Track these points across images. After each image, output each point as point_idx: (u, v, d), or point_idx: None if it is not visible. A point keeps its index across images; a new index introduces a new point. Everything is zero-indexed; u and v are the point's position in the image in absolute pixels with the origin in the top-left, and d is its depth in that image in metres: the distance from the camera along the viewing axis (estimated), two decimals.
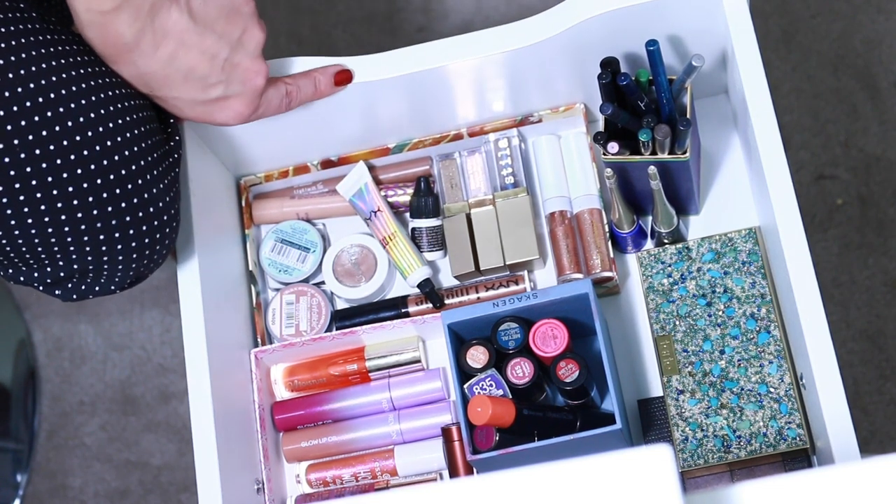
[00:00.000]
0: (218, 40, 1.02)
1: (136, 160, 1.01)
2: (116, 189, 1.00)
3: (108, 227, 1.00)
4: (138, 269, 1.05)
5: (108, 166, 0.99)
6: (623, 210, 1.14)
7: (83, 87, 0.99)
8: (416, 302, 1.20)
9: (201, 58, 1.01)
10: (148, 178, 1.01)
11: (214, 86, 1.03)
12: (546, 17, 1.10)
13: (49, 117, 0.96)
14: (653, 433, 1.13)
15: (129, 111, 1.02)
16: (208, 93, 1.03)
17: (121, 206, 1.00)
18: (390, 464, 1.16)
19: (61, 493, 1.63)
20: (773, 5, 1.67)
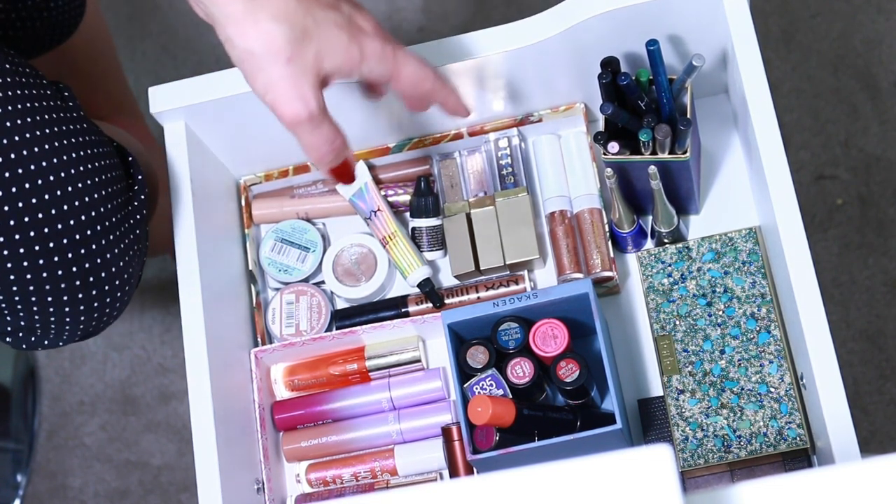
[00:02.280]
0: None
1: (93, 225, 0.99)
2: (69, 253, 0.99)
3: (56, 290, 1.00)
4: (87, 329, 1.05)
5: (63, 230, 0.98)
6: (623, 210, 1.14)
7: (55, 146, 0.98)
8: (416, 302, 1.20)
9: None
10: (103, 244, 1.00)
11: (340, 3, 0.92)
12: (546, 17, 1.10)
13: (12, 177, 0.96)
14: (653, 433, 1.13)
15: (95, 172, 1.01)
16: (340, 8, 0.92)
17: (71, 271, 1.00)
18: (390, 463, 1.16)
19: (61, 493, 1.63)
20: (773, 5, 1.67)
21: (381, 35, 0.94)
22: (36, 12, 1.23)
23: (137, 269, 1.07)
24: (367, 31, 0.93)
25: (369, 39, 0.92)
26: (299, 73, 0.90)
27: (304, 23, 0.89)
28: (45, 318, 1.02)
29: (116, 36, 1.79)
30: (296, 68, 0.89)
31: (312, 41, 0.90)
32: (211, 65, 1.75)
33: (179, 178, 1.12)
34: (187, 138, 1.14)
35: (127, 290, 1.05)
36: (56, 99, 1.02)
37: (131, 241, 1.04)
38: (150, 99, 1.13)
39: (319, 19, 0.90)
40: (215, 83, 1.13)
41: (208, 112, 1.14)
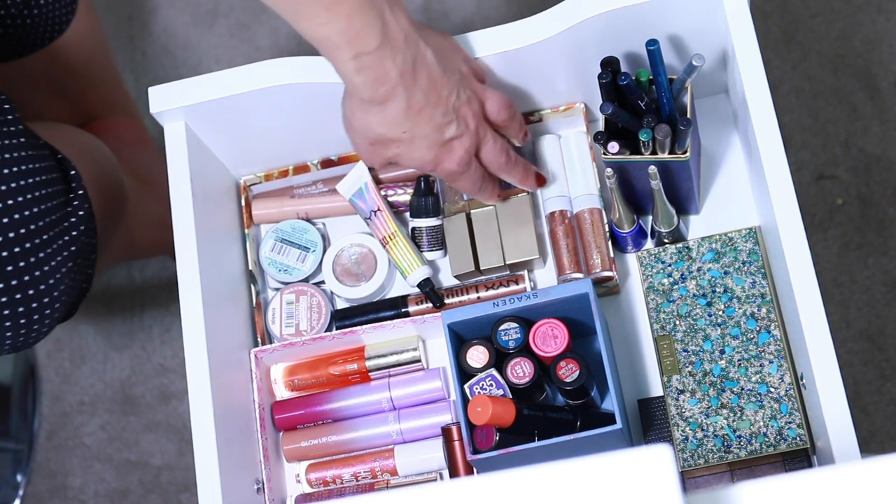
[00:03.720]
0: (451, 79, 1.02)
1: (22, 242, 1.00)
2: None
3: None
4: (14, 343, 1.05)
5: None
6: (623, 210, 1.14)
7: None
8: (417, 301, 1.20)
9: (444, 93, 1.01)
10: (32, 261, 1.01)
11: (447, 125, 1.02)
12: (546, 17, 1.10)
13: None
14: (653, 433, 1.13)
15: (28, 189, 1.01)
16: (442, 133, 1.03)
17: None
18: (390, 463, 1.16)
19: (61, 493, 1.63)
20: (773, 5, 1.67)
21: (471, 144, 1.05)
22: (26, 10, 1.23)
23: (74, 284, 1.06)
24: (453, 153, 1.04)
25: (449, 160, 1.04)
26: (374, 154, 1.04)
27: (399, 134, 1.01)
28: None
29: (116, 36, 1.79)
30: (373, 150, 1.03)
31: (399, 147, 1.02)
32: (211, 65, 1.75)
33: (179, 178, 1.12)
34: (187, 138, 1.14)
35: (58, 306, 1.05)
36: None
37: (65, 258, 1.04)
38: (150, 99, 1.13)
39: (416, 134, 1.01)
40: (215, 83, 1.13)
41: (208, 112, 1.14)
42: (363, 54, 0.95)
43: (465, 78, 1.04)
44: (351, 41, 0.94)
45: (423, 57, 0.99)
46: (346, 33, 0.93)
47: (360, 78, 0.96)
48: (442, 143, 1.03)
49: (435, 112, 1.00)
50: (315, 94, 1.13)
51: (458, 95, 1.02)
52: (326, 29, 0.93)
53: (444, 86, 1.01)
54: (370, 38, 0.94)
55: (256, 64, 1.13)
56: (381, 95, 0.98)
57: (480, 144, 1.06)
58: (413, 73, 0.98)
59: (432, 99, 1.00)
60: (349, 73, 0.96)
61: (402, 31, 0.97)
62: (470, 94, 1.04)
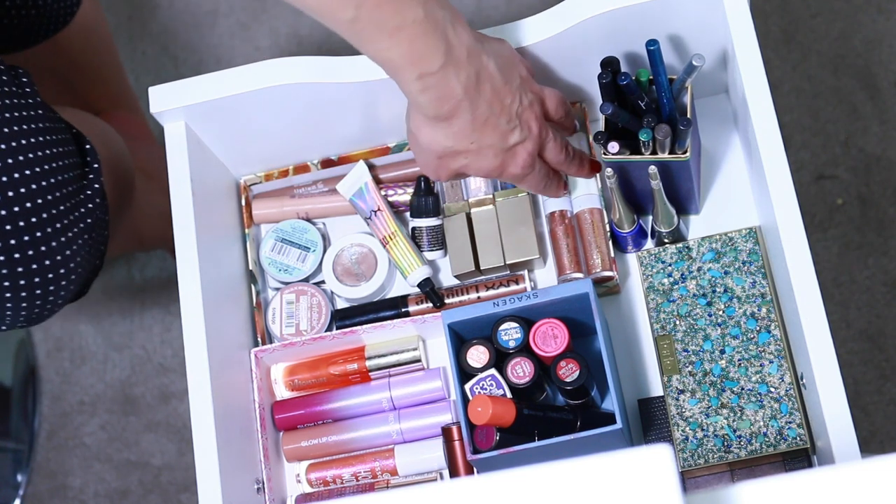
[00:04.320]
0: (512, 86, 1.03)
1: (39, 212, 1.00)
2: (12, 240, 0.99)
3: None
4: (29, 315, 1.05)
5: (7, 217, 0.98)
6: (623, 209, 1.14)
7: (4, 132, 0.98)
8: (417, 301, 1.20)
9: (507, 101, 1.02)
10: (49, 231, 1.01)
11: (511, 132, 1.03)
12: (546, 17, 1.10)
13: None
14: (653, 433, 1.13)
15: (45, 159, 1.01)
16: (507, 140, 1.03)
17: (14, 258, 1.00)
18: (390, 463, 1.16)
19: (61, 493, 1.63)
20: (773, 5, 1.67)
21: (534, 147, 1.06)
22: (31, 1, 1.23)
23: (89, 258, 1.07)
24: (517, 158, 1.05)
25: (514, 165, 1.05)
26: (441, 168, 1.05)
27: (467, 145, 1.02)
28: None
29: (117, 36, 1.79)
30: (440, 164, 1.04)
31: (466, 157, 1.03)
32: (211, 65, 1.75)
33: (179, 178, 1.12)
34: (187, 138, 1.14)
35: (73, 278, 1.05)
36: (11, 84, 1.02)
37: (81, 230, 1.04)
38: (150, 99, 1.13)
39: (483, 144, 1.02)
40: (215, 83, 1.13)
41: (208, 112, 1.14)
42: (427, 75, 0.95)
43: (524, 82, 1.05)
44: (415, 63, 0.94)
45: (486, 69, 0.99)
46: (409, 56, 0.94)
47: (424, 97, 0.97)
48: (507, 149, 1.04)
49: (500, 121, 1.01)
50: (315, 94, 1.13)
51: (521, 101, 1.03)
52: (390, 53, 0.93)
53: (506, 94, 1.01)
54: (434, 60, 0.95)
55: (256, 64, 1.13)
56: (447, 112, 0.98)
57: (543, 145, 1.07)
58: (477, 86, 0.98)
59: (496, 109, 1.01)
60: (414, 92, 0.96)
61: (464, 48, 0.97)
62: (531, 97, 1.05)
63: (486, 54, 1.00)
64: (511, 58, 1.04)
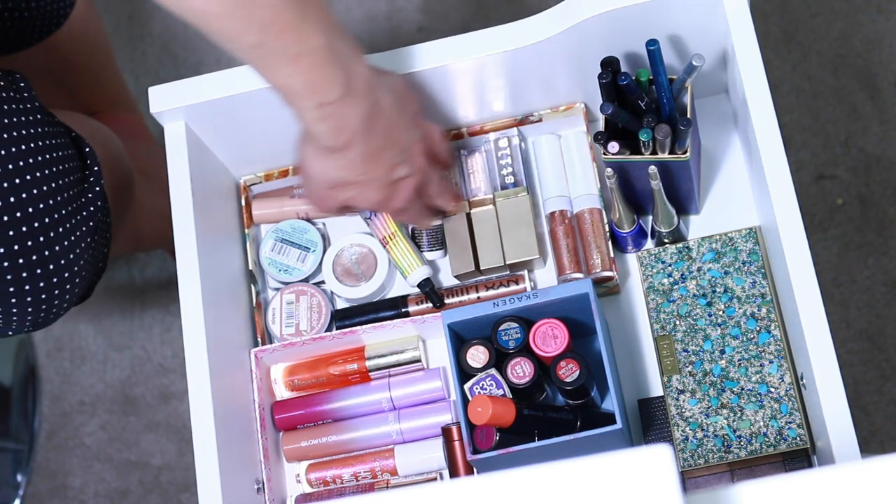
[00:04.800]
0: (405, 120, 1.05)
1: (41, 216, 1.00)
2: (15, 245, 0.99)
3: (2, 280, 1.00)
4: (35, 320, 1.06)
5: (9, 222, 0.98)
6: (623, 210, 1.14)
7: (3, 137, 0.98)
8: (417, 301, 1.20)
9: (399, 135, 1.04)
10: (52, 235, 1.02)
11: (399, 166, 1.06)
12: (546, 17, 1.10)
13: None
14: (653, 433, 1.13)
15: (46, 164, 1.02)
16: (394, 173, 1.06)
17: (17, 263, 1.00)
18: (390, 463, 1.16)
19: (61, 493, 1.63)
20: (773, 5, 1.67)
21: (419, 182, 1.09)
22: (23, 2, 1.23)
23: (93, 261, 1.07)
24: (401, 192, 1.08)
25: (398, 198, 1.08)
26: (330, 198, 1.08)
27: (356, 176, 1.04)
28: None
29: (116, 36, 1.79)
30: (329, 195, 1.07)
31: (354, 189, 1.06)
32: (211, 65, 1.75)
33: (179, 178, 1.12)
34: (187, 138, 1.14)
35: (77, 281, 1.06)
36: (8, 90, 1.02)
37: (84, 233, 1.04)
38: (150, 99, 1.13)
39: (370, 177, 1.04)
40: (215, 83, 1.13)
41: (208, 112, 1.14)
42: (325, 104, 0.97)
43: (415, 117, 1.08)
44: (314, 92, 0.96)
45: (382, 103, 1.01)
46: (310, 85, 0.95)
47: (322, 127, 0.98)
48: (392, 183, 1.06)
49: (391, 154, 1.04)
50: None
51: (411, 136, 1.06)
52: (291, 80, 0.95)
53: (399, 128, 1.04)
54: (333, 89, 0.96)
55: None
56: (342, 143, 1.00)
57: (427, 181, 1.10)
58: (372, 119, 1.00)
59: (388, 142, 1.03)
60: (311, 121, 0.98)
61: (363, 80, 0.99)
62: (420, 133, 1.07)
63: (382, 88, 1.02)
64: (405, 93, 1.07)
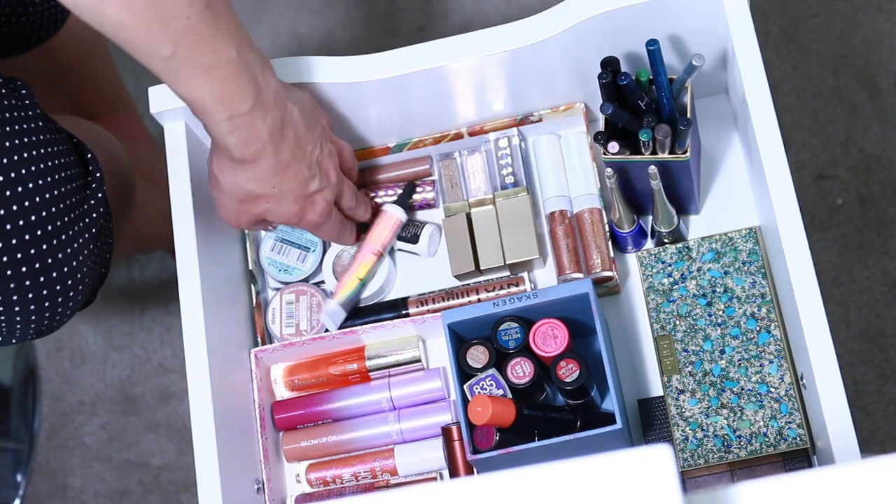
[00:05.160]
0: (314, 134, 1.06)
1: (43, 224, 1.01)
2: (18, 254, 1.00)
3: (6, 289, 1.01)
4: (39, 327, 1.06)
5: (12, 231, 0.99)
6: (623, 210, 1.14)
7: (5, 145, 0.98)
8: (417, 304, 1.20)
9: (308, 148, 1.04)
10: (55, 243, 1.02)
11: (312, 179, 1.06)
12: (546, 17, 1.10)
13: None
14: (653, 433, 1.13)
15: (47, 172, 1.02)
16: (307, 187, 1.06)
17: (21, 271, 1.01)
18: (390, 463, 1.16)
19: (61, 493, 1.63)
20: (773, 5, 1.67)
21: (332, 195, 1.10)
22: (21, 7, 1.23)
23: (96, 267, 1.07)
24: (316, 205, 1.08)
25: (312, 212, 1.09)
26: (242, 213, 1.07)
27: (268, 189, 1.04)
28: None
29: None
30: (241, 209, 1.07)
31: (267, 202, 1.06)
32: None
33: (179, 178, 1.12)
34: (187, 138, 1.14)
35: (81, 288, 1.06)
36: (10, 97, 1.03)
37: (86, 241, 1.04)
38: (150, 99, 1.13)
39: (284, 190, 1.05)
40: None
41: None
42: (236, 116, 0.97)
43: (324, 132, 1.08)
44: (225, 103, 0.96)
45: (291, 115, 1.02)
46: (221, 96, 0.96)
47: (232, 138, 0.99)
48: (306, 196, 1.07)
49: (301, 167, 1.04)
50: (315, 94, 1.13)
51: (322, 149, 1.07)
52: (202, 91, 0.95)
53: (308, 141, 1.04)
54: (244, 101, 0.97)
55: None
56: (252, 154, 1.01)
57: (340, 194, 1.11)
58: (282, 131, 1.01)
59: (298, 155, 1.03)
60: (222, 133, 0.99)
61: (272, 92, 1.00)
62: (331, 147, 1.08)
63: (290, 101, 1.03)
64: (313, 107, 1.08)
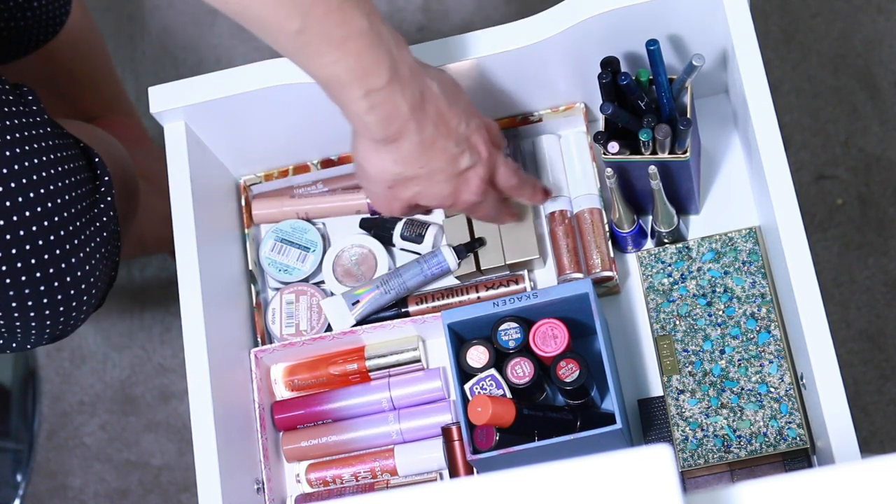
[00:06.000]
0: (458, 109, 1.01)
1: (56, 229, 1.00)
2: (32, 259, 0.99)
3: (20, 295, 1.00)
4: (54, 332, 1.06)
5: (25, 237, 0.99)
6: (623, 210, 1.14)
7: (16, 152, 0.99)
8: (416, 302, 1.20)
9: (454, 123, 1.00)
10: (67, 248, 1.01)
11: (461, 155, 1.01)
12: (546, 17, 1.10)
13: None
14: (653, 433, 1.13)
15: (57, 177, 1.01)
16: (457, 164, 1.01)
17: (35, 276, 1.00)
18: (390, 463, 1.16)
19: (61, 493, 1.63)
20: (773, 5, 1.67)
21: (486, 172, 1.04)
22: (19, 12, 1.23)
23: (107, 270, 1.07)
24: (470, 183, 1.03)
25: (467, 191, 1.03)
26: (393, 198, 1.03)
27: (416, 170, 1.00)
28: (10, 324, 1.02)
29: (116, 36, 1.79)
30: (392, 194, 1.02)
31: (417, 184, 1.01)
32: (211, 65, 1.75)
33: (179, 178, 1.12)
34: (187, 138, 1.14)
35: (94, 292, 1.06)
36: (17, 104, 1.03)
37: (98, 244, 1.04)
38: (151, 99, 1.13)
39: (433, 169, 1.00)
40: (215, 83, 1.13)
41: (208, 112, 1.14)
42: (373, 91, 0.93)
43: (468, 106, 1.03)
44: (361, 78, 0.92)
45: (430, 90, 0.98)
46: (356, 70, 0.92)
47: (372, 116, 0.95)
48: (458, 174, 1.02)
49: (448, 143, 0.99)
50: (315, 94, 1.13)
51: (468, 125, 1.01)
52: (336, 67, 0.91)
53: (452, 116, 1.00)
54: (380, 75, 0.93)
55: (256, 64, 1.13)
56: (394, 132, 0.96)
57: (494, 170, 1.05)
58: (422, 106, 0.97)
59: (443, 131, 0.99)
60: (361, 111, 0.94)
61: (407, 66, 0.95)
62: (478, 122, 1.03)
63: (428, 76, 0.99)
64: (453, 83, 1.03)
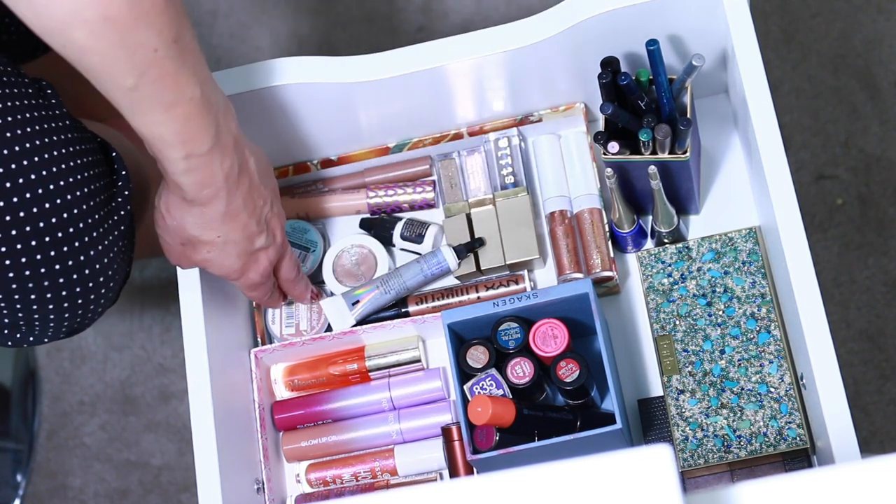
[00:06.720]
0: (267, 189, 1.05)
1: (74, 223, 1.01)
2: (51, 251, 1.00)
3: (39, 288, 1.01)
4: (71, 326, 1.06)
5: (44, 229, 0.99)
6: (623, 210, 1.14)
7: (35, 145, 0.99)
8: (416, 302, 1.20)
9: (260, 202, 1.03)
10: (85, 241, 1.02)
11: (259, 235, 1.05)
12: (546, 17, 1.10)
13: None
14: (653, 433, 1.13)
15: (76, 170, 1.02)
16: (253, 242, 1.05)
17: (54, 269, 1.01)
18: (390, 463, 1.16)
19: (61, 493, 1.63)
20: (773, 5, 1.67)
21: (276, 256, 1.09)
22: None
23: (123, 265, 1.07)
24: (259, 263, 1.07)
25: (255, 270, 1.07)
26: (184, 256, 1.06)
27: (213, 237, 1.03)
28: (28, 316, 1.02)
29: None
30: (182, 252, 1.05)
31: (210, 251, 1.04)
32: (211, 65, 1.75)
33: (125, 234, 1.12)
34: None
35: (111, 286, 1.06)
36: (37, 97, 1.03)
37: (115, 238, 1.05)
38: None
39: (229, 240, 1.03)
40: None
41: None
42: (193, 156, 0.96)
43: (275, 192, 1.07)
44: (184, 143, 0.95)
45: (247, 164, 1.01)
46: (181, 134, 0.94)
47: (187, 178, 0.98)
48: (251, 252, 1.06)
49: (250, 220, 1.03)
50: (315, 95, 1.13)
51: (271, 208, 1.06)
52: (162, 128, 0.94)
53: (260, 195, 1.03)
54: (203, 141, 0.96)
55: (256, 64, 1.13)
56: (205, 197, 0.99)
57: (282, 258, 1.10)
58: (237, 178, 1.00)
59: (249, 207, 1.02)
60: (177, 172, 0.97)
61: (232, 137, 0.99)
62: (279, 208, 1.07)
63: (248, 150, 1.02)
64: (267, 164, 1.07)
